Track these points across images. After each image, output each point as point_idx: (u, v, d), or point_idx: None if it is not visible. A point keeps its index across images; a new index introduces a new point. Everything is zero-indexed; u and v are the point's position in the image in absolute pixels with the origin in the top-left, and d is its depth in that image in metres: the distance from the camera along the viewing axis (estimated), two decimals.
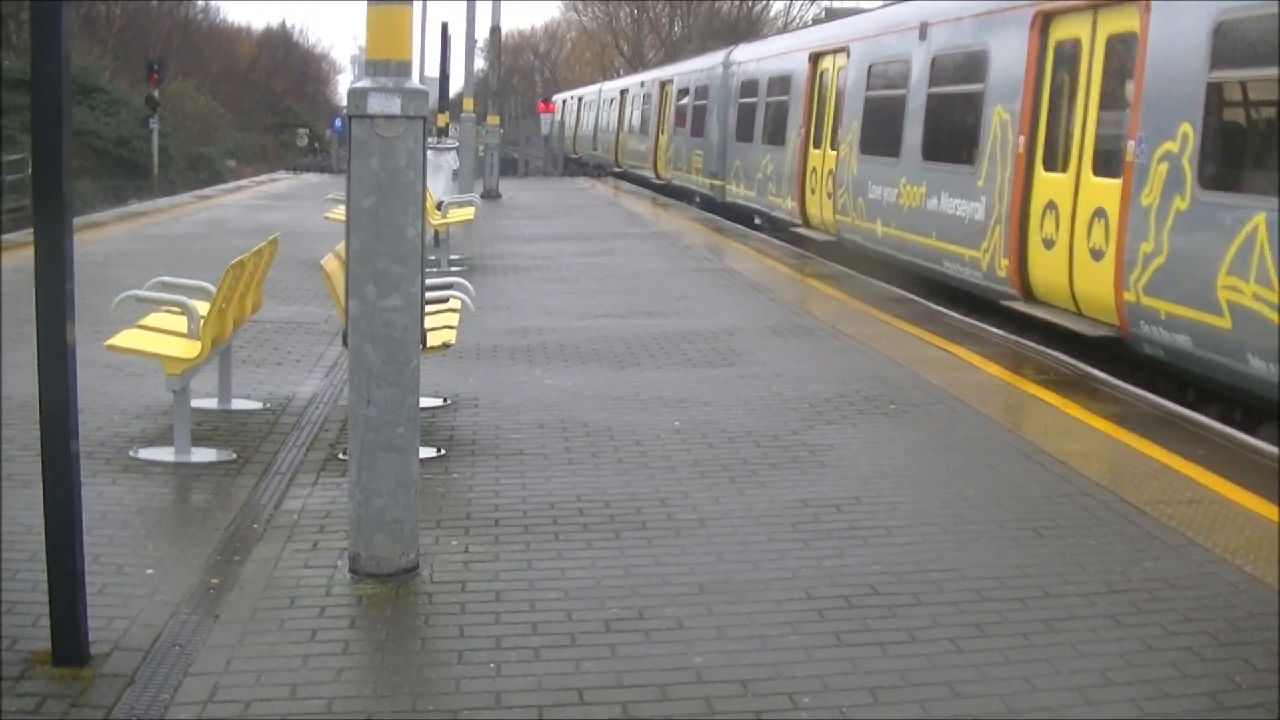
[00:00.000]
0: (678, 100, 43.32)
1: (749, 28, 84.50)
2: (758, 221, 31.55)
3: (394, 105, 6.95)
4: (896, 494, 9.01)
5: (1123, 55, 14.65)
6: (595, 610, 6.88)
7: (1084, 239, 14.88)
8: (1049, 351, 14.45)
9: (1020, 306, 16.42)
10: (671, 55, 78.49)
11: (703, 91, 38.85)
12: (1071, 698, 5.97)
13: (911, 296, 18.73)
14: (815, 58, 27.23)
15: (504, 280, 19.90)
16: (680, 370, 12.96)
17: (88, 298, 14.82)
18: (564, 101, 78.54)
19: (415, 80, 7.18)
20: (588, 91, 72.82)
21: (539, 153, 63.35)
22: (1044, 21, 16.32)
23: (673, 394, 11.84)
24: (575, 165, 63.69)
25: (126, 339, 9.88)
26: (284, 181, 45.96)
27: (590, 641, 6.48)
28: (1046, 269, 15.88)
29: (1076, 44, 15.72)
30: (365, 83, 7.01)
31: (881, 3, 25.49)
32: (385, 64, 7.02)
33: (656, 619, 6.77)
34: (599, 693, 5.92)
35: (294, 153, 78.88)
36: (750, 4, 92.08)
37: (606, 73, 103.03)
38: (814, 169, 26.68)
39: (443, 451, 9.86)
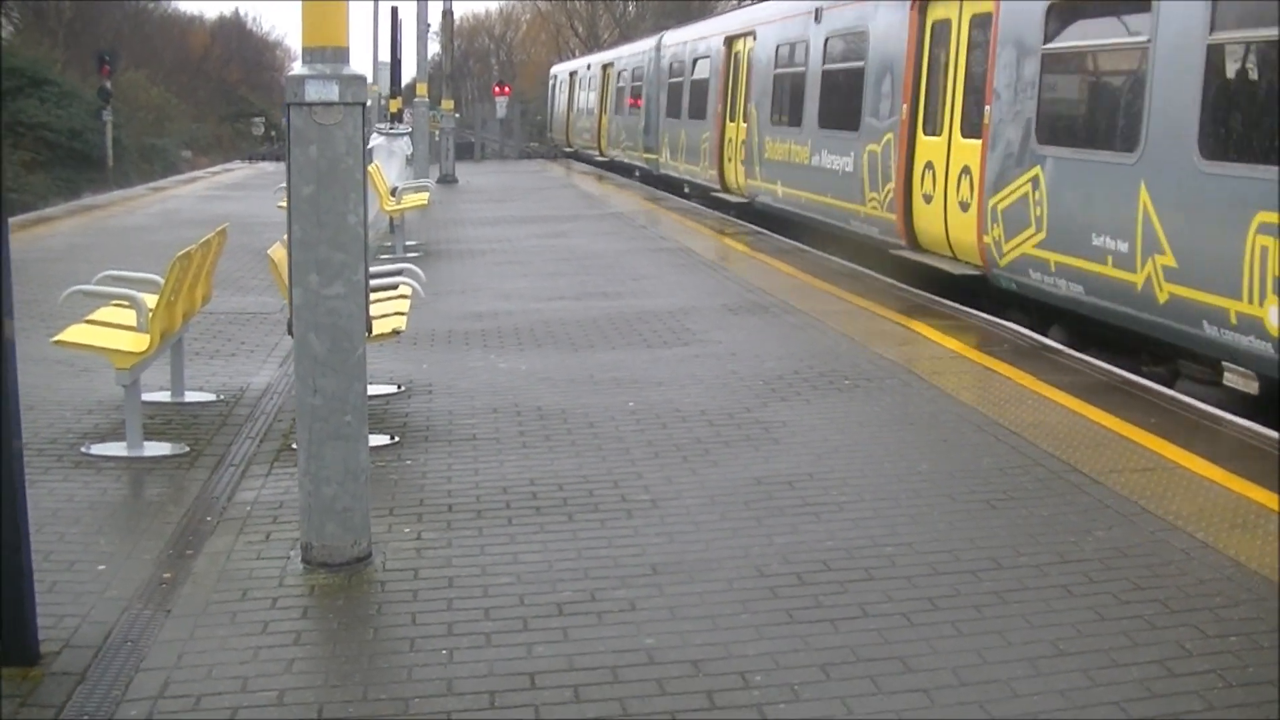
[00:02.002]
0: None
1: (701, 6, 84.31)
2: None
3: (332, 92, 6.91)
4: (849, 469, 9.01)
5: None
6: (547, 594, 6.87)
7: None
8: (1002, 323, 14.50)
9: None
10: (626, 35, 78.31)
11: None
12: (1023, 669, 5.98)
13: (866, 271, 18.76)
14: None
15: (459, 264, 19.86)
16: (635, 351, 12.95)
17: (38, 294, 14.84)
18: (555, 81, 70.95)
19: (353, 66, 7.12)
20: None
21: (495, 136, 63.20)
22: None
23: (627, 375, 11.83)
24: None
25: (74, 334, 9.82)
26: (239, 171, 45.78)
27: (542, 625, 6.47)
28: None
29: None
30: (302, 70, 6.97)
31: None
32: (322, 50, 6.97)
33: (608, 601, 6.77)
34: (550, 676, 5.91)
35: (250, 142, 78.68)
36: None
37: (562, 54, 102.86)
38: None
39: (396, 438, 9.83)
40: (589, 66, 54.13)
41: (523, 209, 30.02)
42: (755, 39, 27.83)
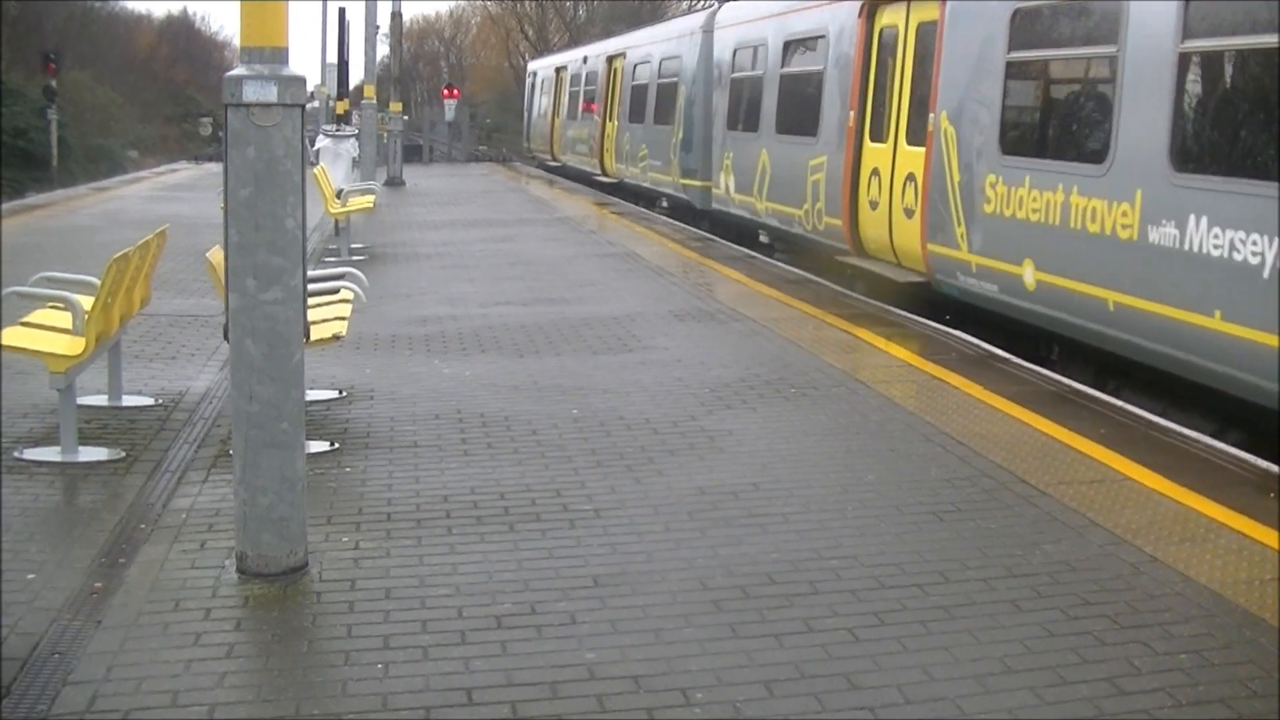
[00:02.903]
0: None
1: (652, 11, 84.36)
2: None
3: (270, 93, 6.78)
4: (795, 480, 8.91)
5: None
6: (486, 606, 6.74)
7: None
8: (952, 331, 14.45)
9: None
10: (576, 39, 78.20)
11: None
12: (970, 686, 5.89)
13: (813, 278, 18.72)
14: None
15: (405, 268, 19.71)
16: (580, 357, 12.83)
17: None
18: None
19: (294, 67, 6.98)
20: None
21: (444, 139, 63.01)
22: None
23: (571, 382, 11.71)
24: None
25: (8, 337, 9.62)
26: (185, 172, 45.43)
27: (480, 639, 6.34)
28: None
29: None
30: (240, 70, 6.84)
31: None
32: (260, 50, 6.84)
33: (549, 614, 6.64)
34: (488, 692, 5.79)
35: (197, 142, 78.37)
36: None
37: (511, 58, 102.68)
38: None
39: (336, 445, 9.69)
40: (585, 60, 44.70)
41: (470, 213, 29.86)
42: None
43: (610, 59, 39.60)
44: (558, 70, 50.06)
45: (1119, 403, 11.27)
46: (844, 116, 19.06)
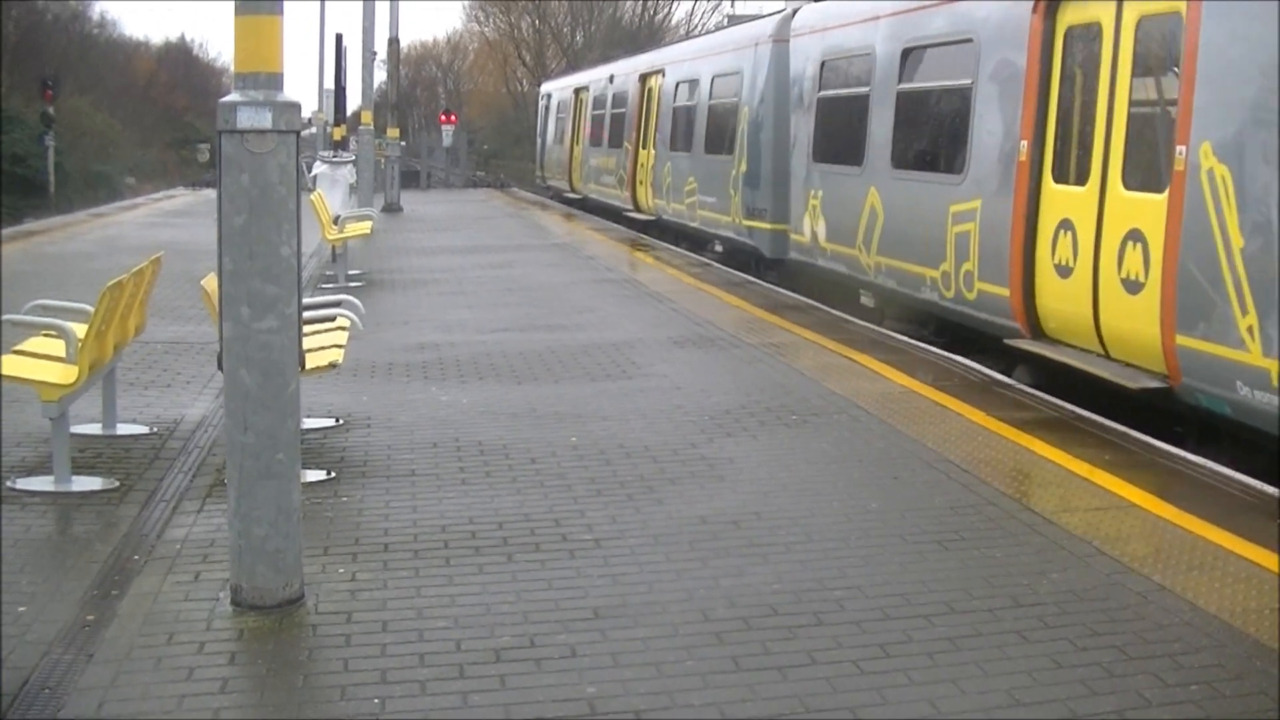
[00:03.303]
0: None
1: (650, 35, 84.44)
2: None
3: (265, 119, 6.69)
4: (797, 508, 8.81)
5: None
6: (485, 639, 6.64)
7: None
8: (952, 357, 14.35)
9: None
10: (574, 64, 78.19)
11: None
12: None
13: (812, 304, 18.64)
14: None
15: (402, 295, 19.62)
16: (579, 384, 12.74)
17: None
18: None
19: (289, 93, 6.90)
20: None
21: (441, 164, 62.96)
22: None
23: (570, 409, 11.61)
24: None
25: (1, 365, 9.53)
26: (182, 198, 45.29)
27: (479, 673, 6.24)
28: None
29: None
30: (235, 96, 6.75)
31: (784, 6, 25.53)
32: (255, 76, 6.75)
33: (548, 647, 6.54)
34: None
35: (195, 169, 78.26)
36: (652, 12, 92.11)
37: (509, 84, 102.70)
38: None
39: (332, 474, 9.59)
40: (611, 79, 39.23)
41: (467, 238, 29.79)
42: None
43: (644, 78, 34.54)
44: (577, 92, 44.75)
45: (1123, 428, 11.15)
46: (1010, 147, 14.36)
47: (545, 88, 55.36)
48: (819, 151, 20.41)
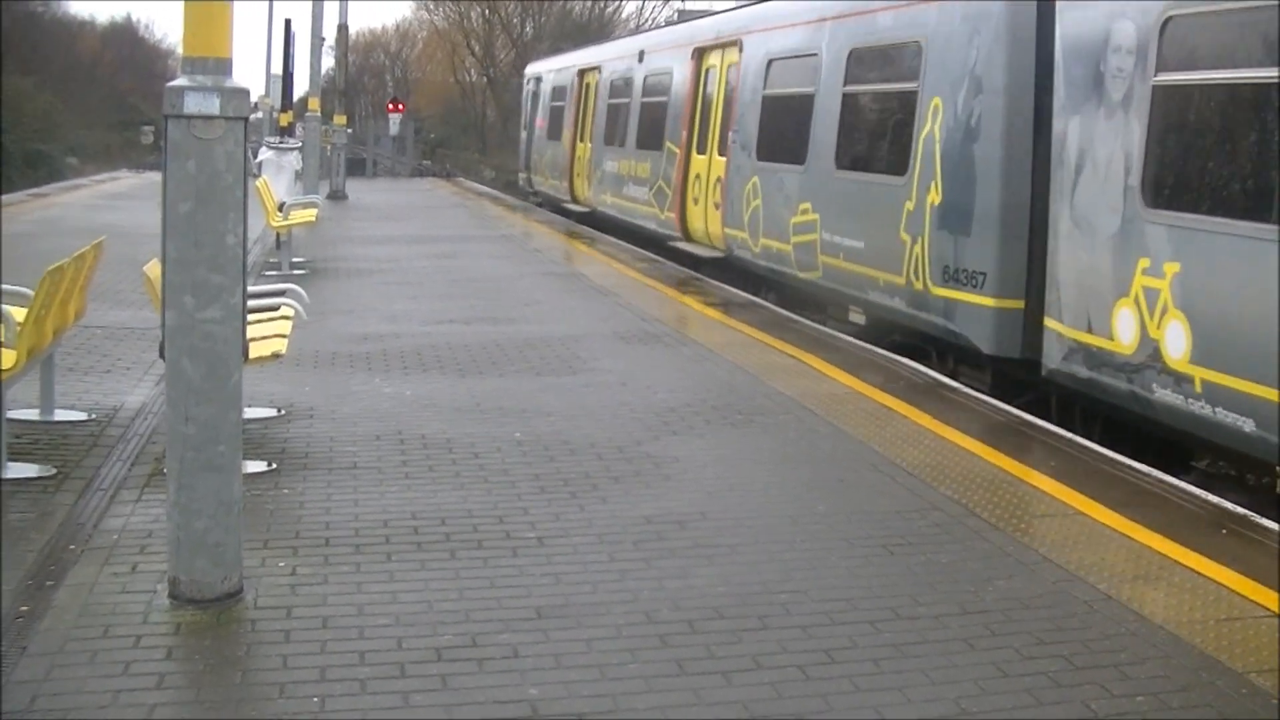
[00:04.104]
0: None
1: (600, 28, 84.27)
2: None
3: (212, 105, 6.58)
4: (743, 509, 8.74)
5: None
6: (426, 637, 6.55)
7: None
8: (900, 359, 14.31)
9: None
10: (523, 56, 77.90)
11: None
12: None
13: (759, 302, 18.59)
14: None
15: (347, 284, 19.48)
16: (524, 378, 12.65)
17: None
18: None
19: (238, 79, 6.79)
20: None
21: (388, 153, 62.74)
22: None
23: (515, 404, 11.52)
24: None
25: None
26: (126, 180, 44.89)
27: (420, 672, 6.15)
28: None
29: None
30: (182, 81, 6.63)
31: (733, 4, 25.39)
32: (203, 61, 6.63)
33: (490, 646, 6.45)
34: None
35: (139, 151, 77.71)
36: (602, 5, 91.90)
37: (457, 73, 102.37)
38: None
39: (274, 465, 9.48)
40: (640, 57, 29.59)
41: (414, 228, 29.64)
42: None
43: (700, 54, 24.84)
44: (582, 74, 35.21)
45: (1070, 435, 11.14)
46: None
47: (533, 69, 45.74)
48: (1162, 188, 10.97)
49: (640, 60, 29.19)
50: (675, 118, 25.63)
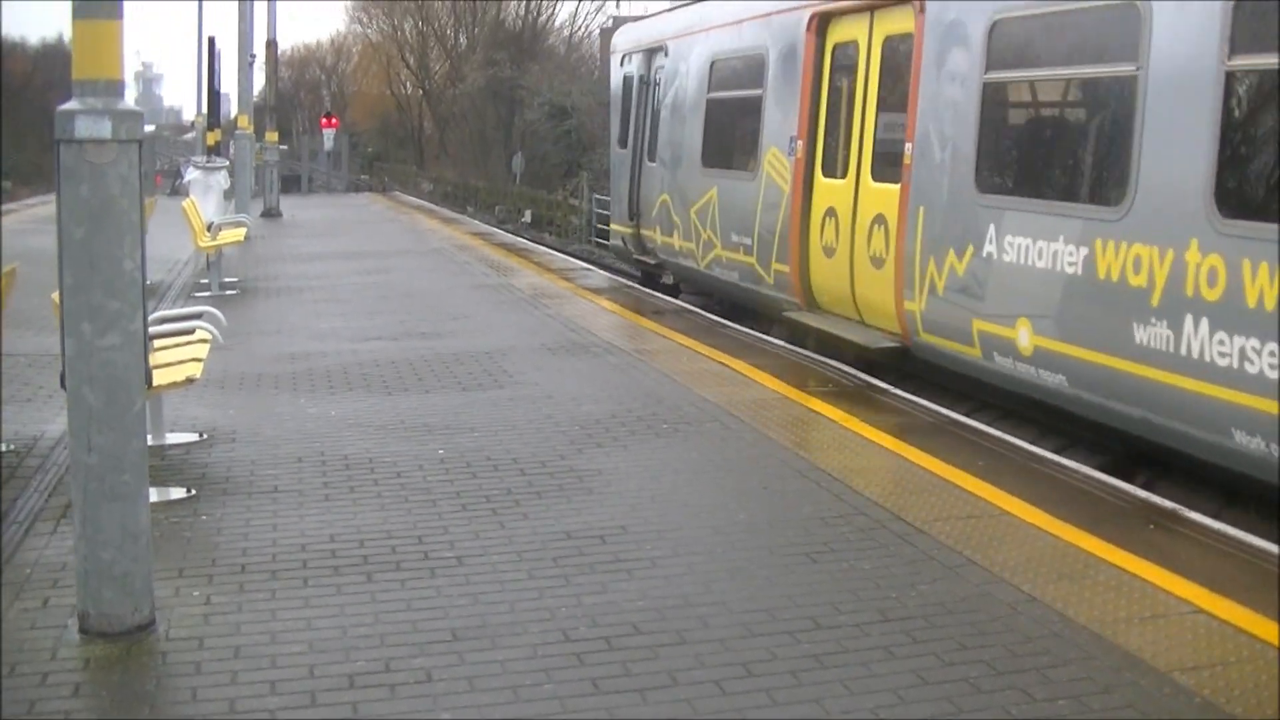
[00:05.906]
0: None
1: (534, 37, 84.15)
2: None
3: (104, 129, 6.45)
4: (665, 521, 8.66)
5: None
6: (339, 664, 6.44)
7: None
8: (829, 362, 14.25)
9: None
10: (457, 67, 77.66)
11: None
12: None
13: (688, 307, 18.55)
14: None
15: (276, 302, 19.34)
16: (449, 394, 12.54)
17: None
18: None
19: (129, 100, 6.66)
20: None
21: (324, 168, 62.46)
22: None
23: (439, 420, 11.41)
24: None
25: None
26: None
27: (331, 700, 6.04)
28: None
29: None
30: (72, 104, 6.50)
31: (668, 6, 25.22)
32: (94, 83, 6.51)
33: (403, 671, 6.35)
34: None
35: None
36: (535, 13, 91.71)
37: (393, 86, 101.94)
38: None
39: (193, 491, 9.34)
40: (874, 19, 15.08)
41: (346, 244, 29.51)
42: None
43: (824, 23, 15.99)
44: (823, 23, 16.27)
45: (997, 433, 11.11)
46: None
47: (625, 37, 26.04)
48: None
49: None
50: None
